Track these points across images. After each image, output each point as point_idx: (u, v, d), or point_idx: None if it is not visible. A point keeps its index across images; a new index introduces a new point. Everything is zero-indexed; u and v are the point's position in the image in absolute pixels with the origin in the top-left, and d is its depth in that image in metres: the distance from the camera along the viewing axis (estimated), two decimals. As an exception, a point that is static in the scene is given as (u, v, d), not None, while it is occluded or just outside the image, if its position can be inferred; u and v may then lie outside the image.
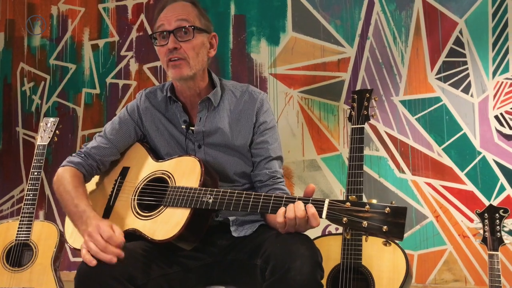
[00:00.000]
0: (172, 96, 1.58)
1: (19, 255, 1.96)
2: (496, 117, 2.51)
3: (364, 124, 1.73)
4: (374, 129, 2.70)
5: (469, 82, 2.57)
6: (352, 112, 1.78)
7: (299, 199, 1.24)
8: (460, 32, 2.60)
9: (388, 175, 2.65)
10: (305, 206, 1.22)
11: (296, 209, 1.22)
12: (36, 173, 2.02)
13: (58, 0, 3.29)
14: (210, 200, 1.33)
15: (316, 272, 1.20)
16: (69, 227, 1.53)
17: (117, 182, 1.55)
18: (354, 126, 1.73)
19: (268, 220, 1.49)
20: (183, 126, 1.55)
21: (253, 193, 1.31)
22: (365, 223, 1.14)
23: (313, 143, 2.79)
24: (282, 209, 1.24)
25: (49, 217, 3.12)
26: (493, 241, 1.61)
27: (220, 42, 2.92)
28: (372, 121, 2.70)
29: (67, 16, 3.28)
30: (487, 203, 2.47)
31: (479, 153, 2.52)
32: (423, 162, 2.61)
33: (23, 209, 1.99)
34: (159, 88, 1.64)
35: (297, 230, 1.25)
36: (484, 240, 1.67)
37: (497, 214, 1.67)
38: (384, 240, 1.16)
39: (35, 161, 2.05)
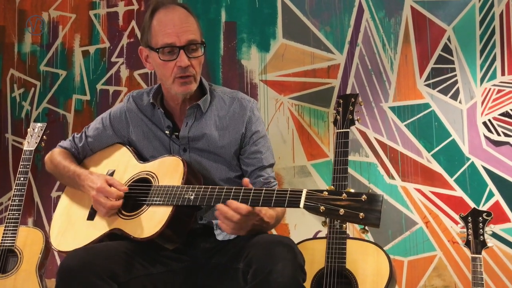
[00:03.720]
0: (155, 103, 1.58)
1: (4, 261, 1.94)
2: (484, 123, 2.53)
3: (348, 128, 1.73)
4: (364, 135, 2.71)
5: (458, 88, 2.59)
6: (338, 117, 1.79)
7: (278, 190, 1.26)
8: (448, 39, 2.62)
9: (378, 181, 2.66)
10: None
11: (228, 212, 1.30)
12: (22, 179, 2.01)
13: (49, 6, 3.29)
14: (192, 197, 1.35)
15: (298, 274, 1.21)
16: (54, 230, 1.53)
17: None
18: (339, 131, 1.74)
19: None
20: (167, 132, 1.56)
21: (234, 187, 1.33)
22: (342, 211, 1.15)
23: (303, 149, 2.80)
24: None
25: (38, 225, 3.09)
26: (476, 244, 1.62)
27: (210, 48, 2.98)
28: (361, 127, 2.72)
29: (58, 22, 3.28)
30: (476, 209, 2.48)
31: (468, 159, 2.54)
32: (413, 168, 2.62)
33: (8, 215, 1.97)
34: (146, 92, 1.64)
35: (254, 229, 1.29)
36: (467, 243, 1.68)
37: (480, 218, 1.68)
38: (362, 227, 1.18)
39: (21, 166, 2.04)
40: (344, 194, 1.17)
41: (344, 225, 1.18)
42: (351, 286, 1.55)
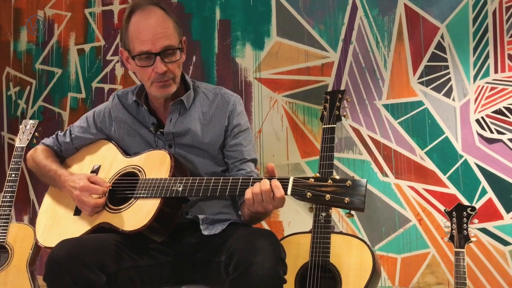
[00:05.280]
0: (138, 101, 1.59)
1: (-5, 257, 1.95)
2: (477, 120, 2.53)
3: (335, 124, 1.74)
4: (357, 132, 2.71)
5: (451, 86, 2.59)
6: (324, 113, 1.80)
7: (266, 178, 1.30)
8: (442, 37, 2.62)
9: (371, 178, 2.66)
10: (270, 181, 1.28)
11: (262, 184, 1.27)
12: (13, 175, 2.01)
13: (45, 5, 3.30)
14: (180, 188, 1.37)
15: (278, 267, 1.22)
16: (40, 226, 1.53)
17: None
18: (326, 126, 1.75)
19: (242, 212, 1.52)
20: (152, 129, 1.57)
21: (222, 178, 1.36)
22: (328, 196, 1.19)
23: (297, 147, 2.80)
24: (249, 188, 1.30)
25: (34, 223, 3.09)
26: (460, 238, 1.63)
27: (205, 46, 2.98)
28: (355, 125, 2.72)
29: (53, 20, 3.28)
30: (469, 206, 2.49)
31: (461, 156, 2.54)
32: (406, 165, 2.62)
33: (-1, 211, 1.98)
34: (131, 91, 1.65)
35: (265, 208, 1.28)
36: (451, 238, 1.69)
37: (464, 212, 1.69)
38: (348, 212, 1.21)
39: (12, 163, 2.05)
40: (329, 181, 1.20)
41: (330, 219, 1.20)
42: (334, 280, 1.56)
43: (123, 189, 1.47)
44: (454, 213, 1.71)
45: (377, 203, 2.64)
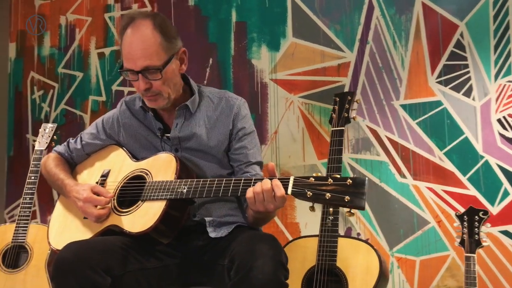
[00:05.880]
0: (144, 107, 1.62)
1: (15, 257, 2.02)
2: (499, 120, 2.47)
3: (343, 127, 1.72)
4: (375, 133, 2.68)
5: (471, 85, 2.53)
6: (333, 115, 1.78)
7: (267, 178, 1.31)
8: (461, 35, 2.57)
9: (389, 180, 2.63)
10: (271, 181, 1.29)
11: (263, 183, 1.29)
12: (33, 177, 2.08)
13: (66, 10, 3.38)
14: (185, 190, 1.38)
15: (278, 271, 1.22)
16: (52, 230, 1.58)
17: (98, 185, 1.58)
18: (334, 129, 1.74)
19: (247, 214, 1.52)
20: (158, 134, 1.60)
21: (225, 178, 1.38)
22: (328, 195, 1.19)
23: (313, 148, 2.79)
24: (250, 188, 1.32)
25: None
26: (471, 243, 1.59)
27: (221, 49, 3.00)
28: (372, 126, 2.69)
29: (74, 25, 3.36)
30: (490, 208, 2.43)
31: (482, 157, 2.48)
32: (424, 166, 2.58)
33: (19, 212, 2.05)
34: (138, 96, 1.68)
35: (266, 207, 1.29)
36: (462, 243, 1.65)
37: (476, 216, 1.64)
38: (348, 210, 1.21)
39: (32, 165, 2.11)
40: (330, 179, 1.21)
41: (337, 223, 1.19)
42: (341, 284, 1.54)
43: (132, 192, 1.50)
44: (465, 216, 1.67)
45: (395, 204, 2.60)
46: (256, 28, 2.95)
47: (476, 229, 1.62)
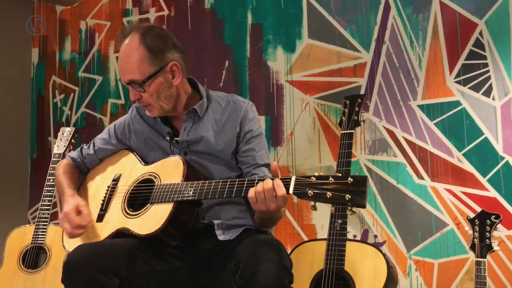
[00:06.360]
0: None
1: (35, 257, 2.08)
2: (520, 120, 2.41)
3: (353, 130, 1.71)
4: (392, 134, 2.65)
5: (490, 85, 2.48)
6: (343, 118, 1.77)
7: (269, 178, 1.32)
8: (480, 33, 2.52)
9: (406, 181, 2.60)
10: (272, 180, 1.31)
11: (264, 183, 1.31)
12: (51, 180, 2.13)
13: (86, 15, 3.46)
14: (191, 192, 1.41)
15: (282, 276, 1.22)
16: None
17: (109, 189, 1.64)
18: (343, 132, 1.72)
19: (255, 216, 1.54)
20: (167, 138, 1.63)
21: (229, 180, 1.40)
22: (329, 194, 1.20)
23: (329, 150, 2.78)
24: (252, 187, 1.34)
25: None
26: (482, 247, 1.55)
27: (237, 51, 3.02)
28: (389, 127, 2.66)
29: (94, 30, 3.43)
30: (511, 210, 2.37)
31: (502, 158, 2.43)
32: (443, 168, 2.54)
33: (39, 214, 2.11)
34: None
35: (268, 207, 1.31)
36: (472, 247, 1.61)
37: (488, 220, 1.60)
38: (349, 208, 1.22)
39: (51, 168, 2.17)
40: (330, 178, 1.22)
41: (346, 226, 1.19)
42: (349, 288, 1.54)
43: (141, 195, 1.53)
44: (476, 220, 1.63)
45: (412, 206, 2.57)
46: (271, 30, 2.95)
47: (487, 234, 1.59)
